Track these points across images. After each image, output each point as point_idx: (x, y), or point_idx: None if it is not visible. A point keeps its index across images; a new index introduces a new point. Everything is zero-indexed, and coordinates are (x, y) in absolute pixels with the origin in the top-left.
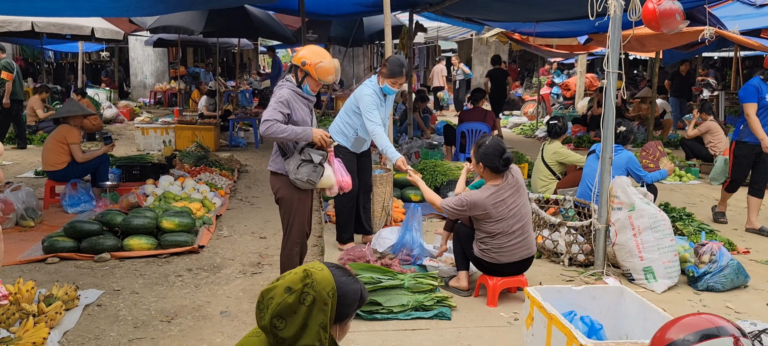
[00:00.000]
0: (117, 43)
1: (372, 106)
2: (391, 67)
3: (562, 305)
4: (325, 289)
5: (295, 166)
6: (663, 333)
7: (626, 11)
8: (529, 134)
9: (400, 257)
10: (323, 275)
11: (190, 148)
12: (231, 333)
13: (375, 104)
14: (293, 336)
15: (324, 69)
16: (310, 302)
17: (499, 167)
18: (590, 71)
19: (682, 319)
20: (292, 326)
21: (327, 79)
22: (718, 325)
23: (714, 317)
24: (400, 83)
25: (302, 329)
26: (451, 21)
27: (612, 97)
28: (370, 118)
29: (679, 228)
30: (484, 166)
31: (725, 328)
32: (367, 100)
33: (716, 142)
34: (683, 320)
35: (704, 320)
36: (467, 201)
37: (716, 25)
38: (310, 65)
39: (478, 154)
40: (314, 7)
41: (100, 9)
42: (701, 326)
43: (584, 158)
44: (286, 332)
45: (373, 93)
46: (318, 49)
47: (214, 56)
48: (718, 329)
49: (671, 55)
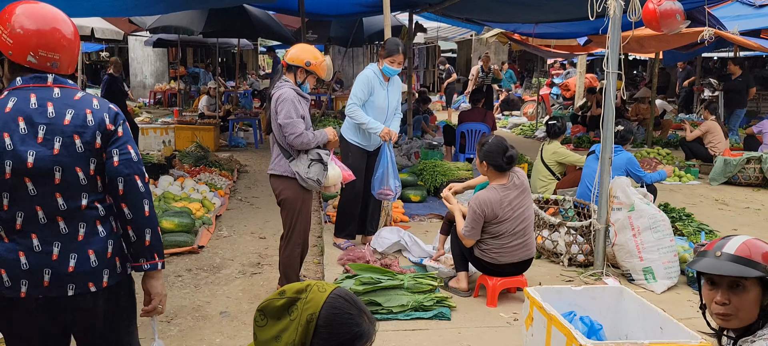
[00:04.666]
0: (117, 43)
1: (362, 85)
2: (388, 46)
3: (561, 306)
4: (309, 311)
5: (305, 167)
6: None
7: (626, 12)
8: (529, 135)
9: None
10: (318, 297)
11: (190, 149)
12: (231, 333)
13: (366, 85)
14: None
15: (326, 66)
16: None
17: (502, 165)
18: (590, 71)
19: None
20: (269, 329)
21: (327, 76)
22: None
23: None
24: (398, 62)
25: (275, 338)
26: (450, 21)
27: (612, 97)
28: (352, 99)
29: (678, 228)
30: (488, 164)
31: None
32: (359, 80)
33: (716, 142)
34: None
35: None
36: (478, 204)
37: (716, 26)
38: (315, 65)
39: (481, 153)
40: (314, 7)
41: (100, 9)
42: None
43: (583, 158)
44: (263, 335)
45: (371, 74)
46: (309, 47)
47: (214, 56)
48: None
49: (671, 56)
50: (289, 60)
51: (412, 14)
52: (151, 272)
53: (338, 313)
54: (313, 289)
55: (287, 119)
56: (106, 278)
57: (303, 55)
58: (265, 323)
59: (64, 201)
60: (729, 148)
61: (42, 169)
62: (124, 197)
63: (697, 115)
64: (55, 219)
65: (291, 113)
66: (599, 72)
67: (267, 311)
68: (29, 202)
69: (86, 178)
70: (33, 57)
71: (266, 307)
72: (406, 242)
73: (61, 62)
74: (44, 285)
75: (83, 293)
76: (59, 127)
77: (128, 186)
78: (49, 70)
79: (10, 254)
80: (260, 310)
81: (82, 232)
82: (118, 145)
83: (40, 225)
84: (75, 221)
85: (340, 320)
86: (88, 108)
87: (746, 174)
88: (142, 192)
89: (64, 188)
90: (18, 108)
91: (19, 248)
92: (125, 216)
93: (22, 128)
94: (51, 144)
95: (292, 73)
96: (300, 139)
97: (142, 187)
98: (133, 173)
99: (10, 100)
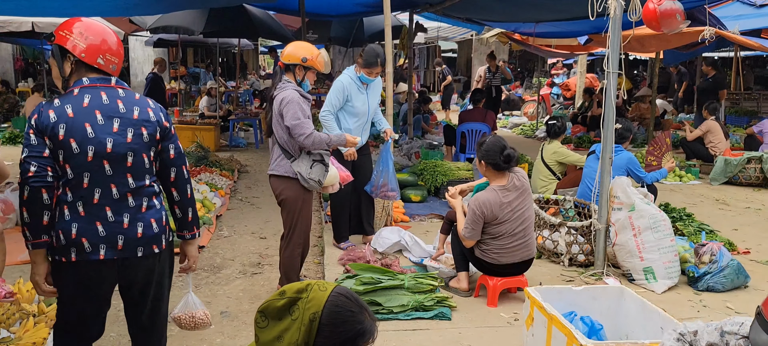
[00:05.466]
0: None
1: (337, 92)
2: (366, 57)
3: (562, 306)
4: (311, 310)
5: (307, 167)
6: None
7: (626, 11)
8: (529, 135)
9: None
10: (319, 296)
11: (190, 149)
12: (231, 333)
13: (341, 92)
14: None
15: (323, 59)
16: (296, 316)
17: (500, 164)
18: (590, 71)
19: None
20: (271, 330)
21: (326, 69)
22: None
23: None
24: (375, 73)
25: (278, 339)
26: (451, 21)
27: (612, 97)
28: (326, 106)
29: (679, 228)
30: (486, 163)
31: None
32: (335, 87)
33: (717, 142)
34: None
35: None
36: (477, 205)
37: (716, 26)
38: (312, 60)
39: (480, 153)
40: (314, 7)
41: (100, 8)
42: None
43: (584, 158)
44: (264, 336)
45: (347, 80)
46: (303, 43)
47: (214, 56)
48: None
49: (672, 56)
50: (285, 59)
51: (412, 14)
52: (191, 240)
53: (340, 311)
54: (313, 288)
55: (295, 120)
56: (164, 241)
57: (298, 52)
58: (267, 324)
59: (133, 180)
60: (729, 148)
61: (118, 153)
62: (174, 183)
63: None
64: (126, 195)
65: (298, 114)
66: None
67: (268, 312)
68: (106, 181)
69: (149, 162)
70: (102, 59)
71: (267, 308)
72: (407, 242)
73: (118, 66)
74: (118, 248)
75: (149, 254)
76: (130, 120)
77: (178, 174)
78: (110, 72)
79: (89, 225)
80: (261, 311)
81: (145, 205)
82: (172, 140)
83: (114, 200)
84: (140, 197)
85: (343, 318)
86: (149, 107)
87: (747, 174)
88: (187, 179)
89: (134, 169)
90: (94, 103)
91: (96, 219)
92: (173, 197)
93: (99, 120)
94: (125, 134)
95: (290, 72)
96: (310, 139)
97: (186, 175)
98: (182, 163)
99: (85, 96)
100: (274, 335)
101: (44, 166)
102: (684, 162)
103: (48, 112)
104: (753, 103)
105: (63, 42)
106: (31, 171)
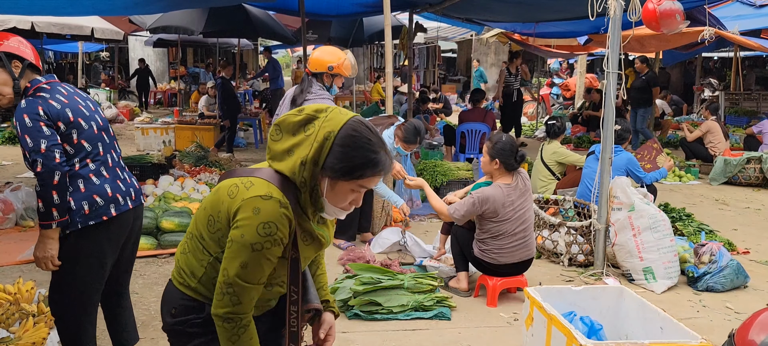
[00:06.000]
0: (117, 43)
1: None
2: (406, 135)
3: (561, 306)
4: (327, 129)
5: None
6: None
7: (626, 11)
8: (529, 135)
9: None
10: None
11: (190, 149)
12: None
13: None
14: (278, 155)
15: (349, 63)
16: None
17: (513, 164)
18: (590, 71)
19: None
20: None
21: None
22: None
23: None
24: (412, 149)
25: (288, 152)
26: (451, 21)
27: (612, 97)
28: None
29: (678, 228)
30: (499, 162)
31: None
32: None
33: (716, 142)
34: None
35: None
36: (479, 198)
37: (716, 26)
38: (338, 67)
39: (494, 150)
40: (314, 7)
41: (99, 7)
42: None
43: (583, 158)
44: (276, 147)
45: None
46: (329, 49)
47: (214, 56)
48: None
49: (671, 56)
50: (312, 67)
51: (412, 14)
52: None
53: (357, 136)
54: (334, 111)
55: None
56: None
57: (324, 59)
58: (280, 137)
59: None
60: (729, 149)
61: (107, 127)
62: None
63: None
64: (119, 158)
65: None
66: (599, 72)
67: (283, 126)
68: (108, 148)
69: None
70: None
71: (283, 122)
72: (407, 242)
73: None
74: (132, 198)
75: (143, 204)
76: (92, 102)
77: None
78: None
79: (114, 182)
80: (277, 125)
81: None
82: None
83: (117, 162)
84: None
85: (359, 143)
86: None
87: (746, 174)
88: None
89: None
90: (68, 92)
91: (117, 177)
92: None
93: (81, 102)
94: (99, 113)
95: (319, 79)
96: None
97: None
98: None
99: (58, 88)
100: (285, 148)
101: (62, 151)
102: (684, 162)
103: (49, 102)
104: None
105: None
106: (58, 158)
